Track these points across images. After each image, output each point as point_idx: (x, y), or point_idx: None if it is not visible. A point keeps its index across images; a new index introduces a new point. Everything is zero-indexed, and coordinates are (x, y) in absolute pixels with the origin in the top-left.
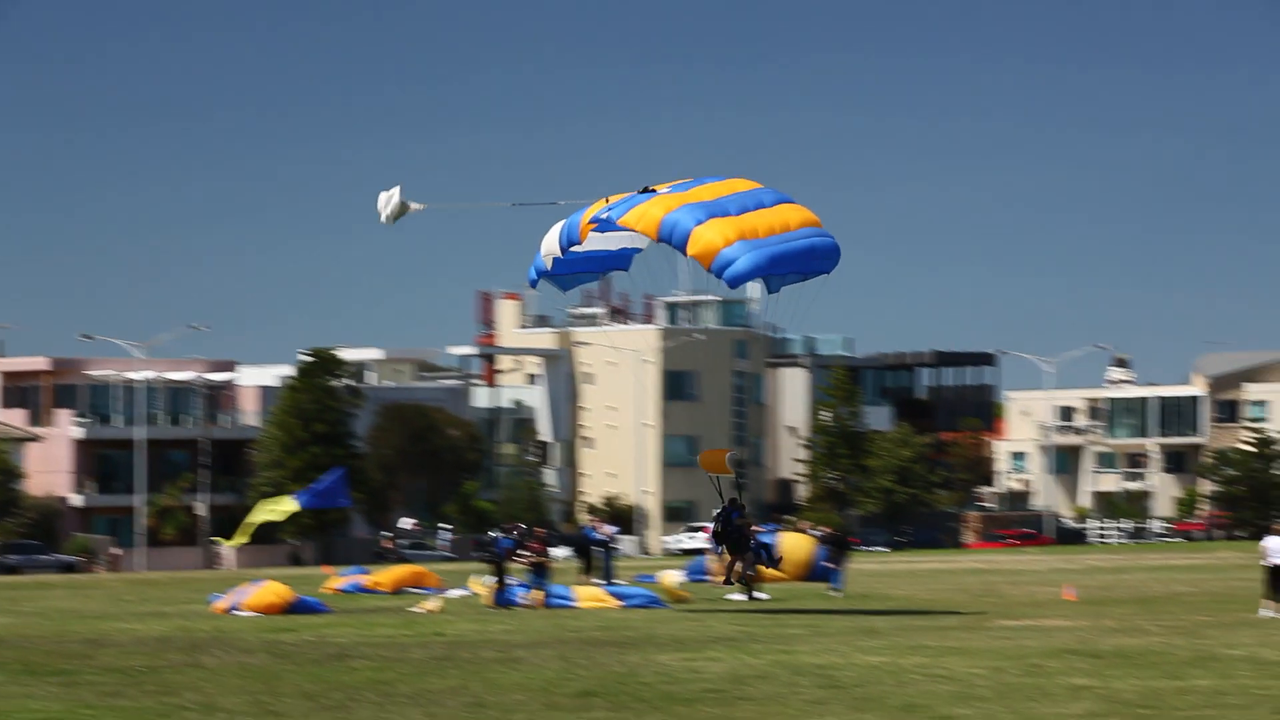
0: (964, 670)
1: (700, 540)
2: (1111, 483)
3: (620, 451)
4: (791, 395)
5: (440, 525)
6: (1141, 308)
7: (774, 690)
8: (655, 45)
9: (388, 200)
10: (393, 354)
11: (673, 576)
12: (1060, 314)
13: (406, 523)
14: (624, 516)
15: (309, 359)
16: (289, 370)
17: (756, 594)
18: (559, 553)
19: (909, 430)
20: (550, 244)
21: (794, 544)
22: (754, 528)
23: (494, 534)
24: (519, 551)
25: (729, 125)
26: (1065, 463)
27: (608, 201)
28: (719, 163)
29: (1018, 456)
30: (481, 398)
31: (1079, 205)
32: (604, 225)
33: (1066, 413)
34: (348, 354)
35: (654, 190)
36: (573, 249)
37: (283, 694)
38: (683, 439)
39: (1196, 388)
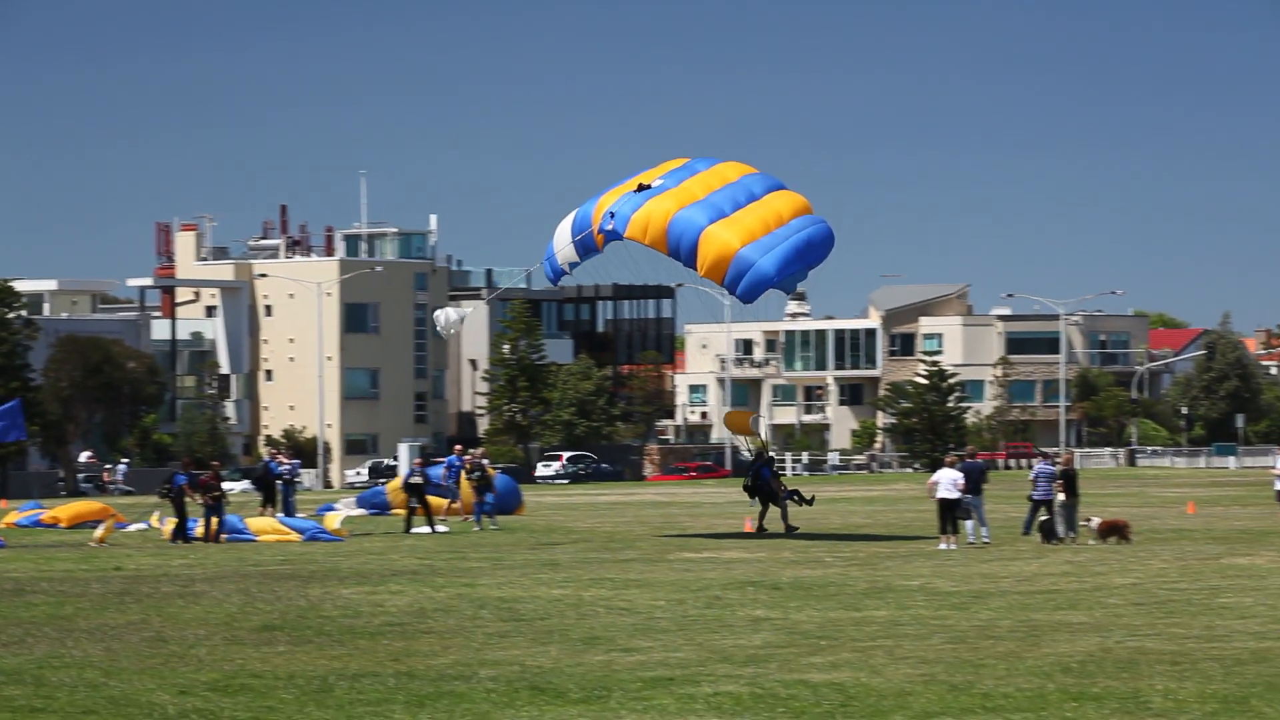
0: (645, 602)
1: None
2: (790, 415)
3: (300, 384)
4: (472, 328)
5: (119, 459)
6: None
7: (456, 623)
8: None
9: (447, 319)
10: (69, 285)
11: (336, 516)
12: None
13: (83, 456)
14: (305, 449)
15: None
16: None
17: (438, 528)
18: (237, 485)
19: (589, 363)
20: (566, 251)
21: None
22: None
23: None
24: (194, 486)
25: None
26: (744, 395)
27: (611, 199)
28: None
29: (696, 389)
30: (160, 330)
31: (754, 136)
32: (611, 236)
33: (745, 345)
34: (23, 285)
35: (647, 186)
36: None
37: None
38: (363, 371)
39: (872, 321)
